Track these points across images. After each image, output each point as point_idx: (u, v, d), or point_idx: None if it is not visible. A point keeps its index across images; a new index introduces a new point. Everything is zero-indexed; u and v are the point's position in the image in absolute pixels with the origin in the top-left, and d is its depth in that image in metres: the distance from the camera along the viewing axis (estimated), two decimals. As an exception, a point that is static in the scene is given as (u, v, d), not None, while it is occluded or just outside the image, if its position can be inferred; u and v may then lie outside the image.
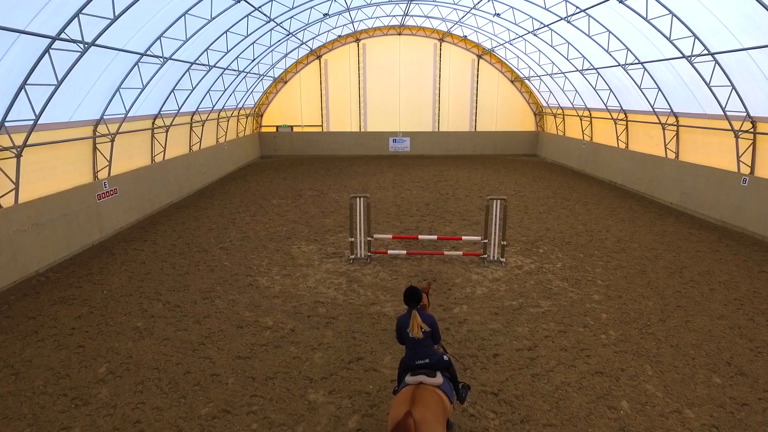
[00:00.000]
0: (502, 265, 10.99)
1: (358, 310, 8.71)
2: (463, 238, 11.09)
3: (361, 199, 10.94)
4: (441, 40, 29.21)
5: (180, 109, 17.07)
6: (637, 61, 16.35)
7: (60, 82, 9.61)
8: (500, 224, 10.90)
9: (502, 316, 8.46)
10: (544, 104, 28.78)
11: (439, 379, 4.67)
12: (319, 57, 29.43)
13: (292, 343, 7.55)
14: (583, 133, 24.50)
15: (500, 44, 25.93)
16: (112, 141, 13.40)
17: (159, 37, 12.61)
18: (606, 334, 7.85)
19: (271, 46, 20.68)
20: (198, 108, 19.70)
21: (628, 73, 17.01)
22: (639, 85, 16.94)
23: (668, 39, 13.20)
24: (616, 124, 20.81)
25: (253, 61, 20.52)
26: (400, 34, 29.17)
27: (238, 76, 20.61)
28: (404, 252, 11.31)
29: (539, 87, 27.56)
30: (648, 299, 9.17)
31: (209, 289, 9.65)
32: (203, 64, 16.48)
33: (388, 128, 30.67)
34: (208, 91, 19.55)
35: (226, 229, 14.06)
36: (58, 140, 11.22)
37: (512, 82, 29.98)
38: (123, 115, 13.37)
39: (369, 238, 11.18)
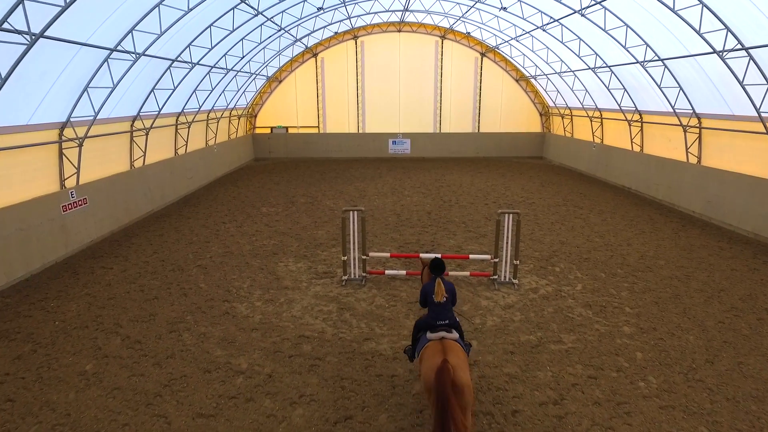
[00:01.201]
0: (514, 287, 9.69)
1: (349, 347, 7.41)
2: (471, 256, 9.79)
3: (355, 212, 9.64)
4: (443, 37, 27.91)
5: (161, 109, 15.76)
6: (657, 58, 15.04)
7: (4, 80, 8.32)
8: (512, 241, 9.62)
9: (520, 356, 7.16)
10: (551, 104, 27.47)
11: (455, 334, 5.38)
12: (315, 55, 28.14)
13: (267, 394, 6.24)
14: (593, 135, 23.18)
15: (505, 41, 24.62)
16: (80, 146, 12.11)
17: (130, 31, 11.31)
18: (645, 380, 6.54)
19: (261, 43, 19.39)
20: (183, 109, 18.41)
21: (647, 70, 15.70)
22: (659, 83, 15.62)
23: (697, 32, 11.89)
24: (630, 125, 19.50)
25: (242, 58, 19.22)
26: (399, 30, 27.87)
27: (226, 74, 19.31)
28: (404, 272, 10.01)
29: (546, 86, 26.25)
30: (688, 332, 7.86)
31: (178, 319, 8.36)
32: (185, 62, 15.18)
33: (387, 129, 29.38)
34: (194, 91, 18.26)
35: (207, 242, 12.77)
36: (11, 146, 9.91)
37: (517, 81, 28.68)
38: (92, 117, 12.07)
39: (364, 257, 9.89)
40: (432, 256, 9.81)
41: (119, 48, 11.37)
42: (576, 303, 9.00)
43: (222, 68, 18.61)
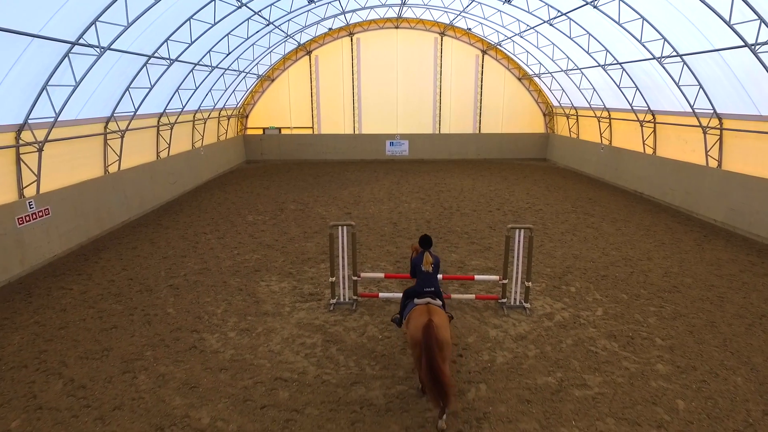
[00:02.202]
0: (526, 312, 8.50)
1: (333, 394, 6.20)
2: (477, 277, 8.60)
3: (344, 228, 8.45)
4: (442, 33, 26.71)
5: (137, 110, 14.52)
6: (675, 54, 13.86)
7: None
8: (524, 259, 8.44)
9: (538, 406, 5.97)
10: (556, 104, 26.29)
11: (439, 301, 6.18)
12: (308, 52, 26.93)
13: (229, 464, 5.05)
14: (601, 136, 22.01)
15: (508, 38, 23.44)
16: (40, 150, 10.89)
17: (93, 23, 10.10)
18: (693, 441, 5.36)
19: (249, 38, 18.14)
20: (165, 109, 17.20)
21: (664, 67, 14.50)
22: (677, 81, 14.44)
23: (727, 23, 10.71)
24: (642, 126, 18.32)
25: (228, 55, 17.99)
26: (397, 27, 26.67)
27: (211, 72, 18.08)
28: (400, 295, 8.79)
29: (550, 85, 25.07)
30: (734, 372, 6.67)
31: (136, 356, 7.15)
32: (163, 58, 13.96)
33: (384, 130, 28.18)
34: (177, 90, 17.05)
35: (183, 257, 11.55)
36: (-48, 152, 8.70)
37: (519, 79, 27.50)
38: (53, 119, 10.85)
39: (355, 278, 8.69)
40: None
41: (81, 41, 10.15)
42: (598, 332, 7.81)
43: (206, 65, 17.39)
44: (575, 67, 20.61)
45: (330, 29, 25.20)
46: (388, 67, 27.27)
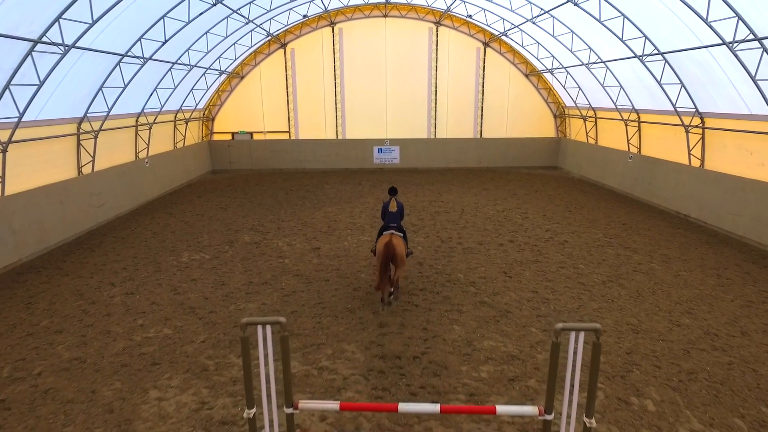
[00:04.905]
0: (587, 472, 4.83)
1: None
2: (500, 409, 4.93)
3: (267, 328, 4.75)
4: (438, 23, 23.06)
5: (22, 115, 10.73)
6: (751, 38, 10.27)
7: None
8: (580, 381, 4.80)
9: None
10: (570, 104, 22.69)
11: (401, 234, 8.40)
12: (283, 45, 23.22)
13: None
14: (628, 143, 18.41)
15: (515, 26, 19.82)
16: None
17: None
18: None
19: (190, 22, 14.31)
20: (87, 113, 13.49)
21: (736, 55, 10.87)
22: (753, 75, 10.82)
23: None
24: (687, 132, 14.72)
25: (164, 44, 14.21)
26: (385, 15, 22.99)
27: (144, 65, 14.29)
28: (367, 438, 5.12)
29: (564, 82, 21.47)
30: None
31: None
32: (57, 44, 10.21)
33: (371, 135, 24.51)
34: (100, 88, 13.37)
35: (58, 332, 7.83)
36: None
37: (527, 76, 23.90)
38: None
39: (289, 410, 5.00)
40: (427, 409, 5.03)
41: None
42: None
43: (137, 57, 13.64)
44: (599, 60, 17.00)
45: (305, 17, 21.48)
46: (376, 62, 23.60)
